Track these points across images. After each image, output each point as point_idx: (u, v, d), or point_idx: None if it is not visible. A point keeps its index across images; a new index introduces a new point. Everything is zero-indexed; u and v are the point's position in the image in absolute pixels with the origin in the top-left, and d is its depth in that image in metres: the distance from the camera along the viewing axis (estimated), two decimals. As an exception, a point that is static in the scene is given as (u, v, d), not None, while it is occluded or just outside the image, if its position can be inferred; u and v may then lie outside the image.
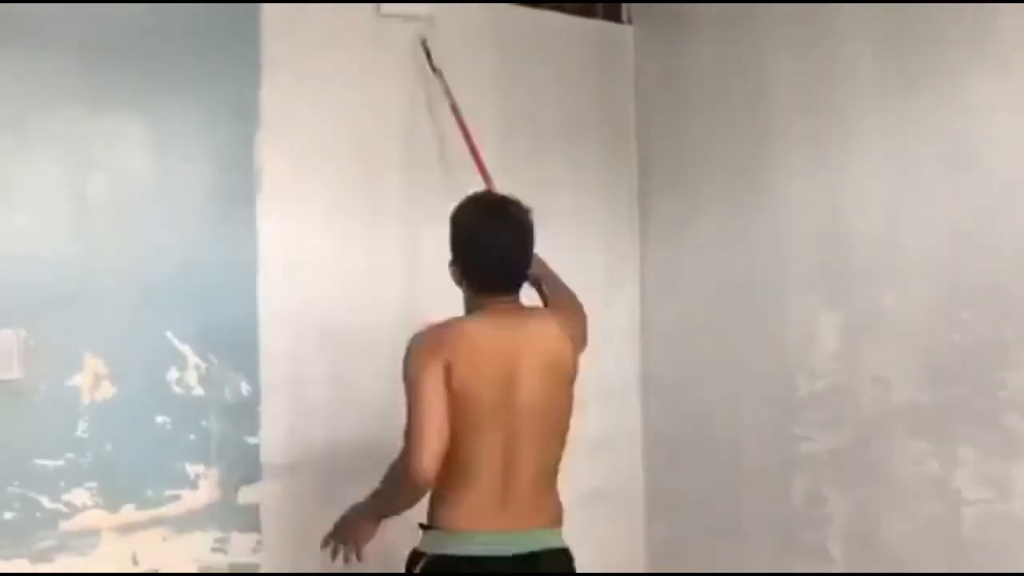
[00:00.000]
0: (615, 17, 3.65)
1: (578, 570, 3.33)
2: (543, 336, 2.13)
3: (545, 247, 3.39)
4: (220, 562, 2.77)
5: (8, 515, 2.50)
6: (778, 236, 3.10)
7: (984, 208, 2.56)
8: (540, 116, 3.43)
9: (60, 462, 2.57)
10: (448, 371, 2.00)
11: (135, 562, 2.66)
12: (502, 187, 3.32)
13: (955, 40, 2.62)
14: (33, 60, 2.56)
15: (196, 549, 2.74)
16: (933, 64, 2.67)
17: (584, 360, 3.43)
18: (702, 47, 3.39)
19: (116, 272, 2.65)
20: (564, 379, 2.15)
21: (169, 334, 2.72)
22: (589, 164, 3.55)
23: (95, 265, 2.63)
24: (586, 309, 3.45)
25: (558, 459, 2.18)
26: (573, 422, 3.45)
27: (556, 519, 2.15)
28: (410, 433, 2.01)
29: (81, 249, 2.62)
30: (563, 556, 2.15)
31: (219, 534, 2.78)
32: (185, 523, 2.73)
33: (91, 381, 2.61)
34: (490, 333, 2.08)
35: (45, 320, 2.55)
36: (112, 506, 2.63)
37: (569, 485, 3.39)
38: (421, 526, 2.12)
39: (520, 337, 2.09)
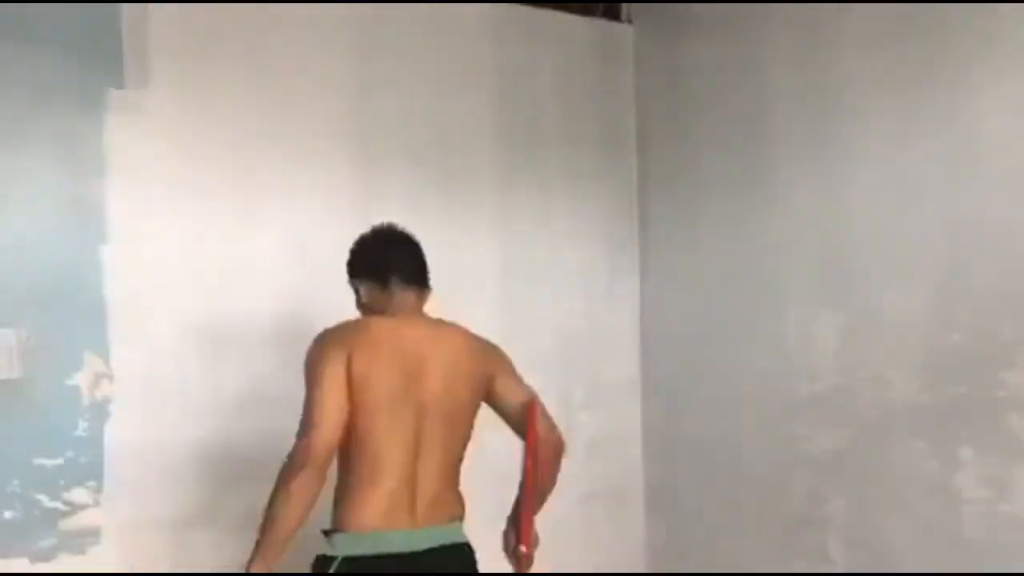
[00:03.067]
0: (615, 16, 3.65)
1: (579, 569, 3.37)
2: (451, 340, 2.18)
3: (546, 247, 3.42)
4: (220, 562, 2.77)
5: (8, 514, 2.50)
6: (778, 236, 3.10)
7: (984, 208, 2.56)
8: (540, 115, 3.43)
9: (60, 461, 2.57)
10: (350, 360, 2.03)
11: (136, 562, 2.66)
12: (502, 185, 3.34)
13: (956, 41, 2.62)
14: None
15: (196, 549, 2.75)
16: (933, 65, 2.67)
17: (584, 360, 3.47)
18: (702, 46, 3.39)
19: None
20: (469, 383, 2.18)
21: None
22: (589, 163, 3.55)
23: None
24: (587, 309, 3.50)
25: (460, 458, 2.19)
26: (578, 419, 3.46)
27: (459, 515, 2.17)
28: (307, 414, 2.01)
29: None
30: (465, 550, 2.16)
31: (217, 534, 2.78)
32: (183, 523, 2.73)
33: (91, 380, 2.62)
34: (395, 328, 2.12)
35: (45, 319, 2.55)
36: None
37: (569, 485, 3.42)
38: (324, 532, 2.06)
39: (427, 336, 2.14)
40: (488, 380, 2.22)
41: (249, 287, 2.86)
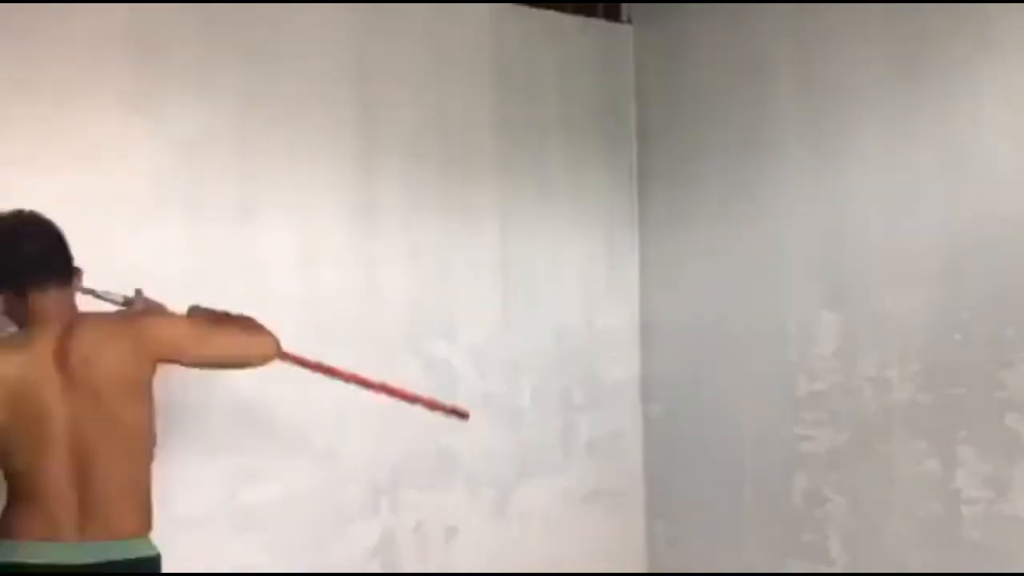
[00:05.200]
0: (615, 16, 3.65)
1: (579, 570, 3.37)
2: (84, 344, 2.00)
3: (545, 247, 3.43)
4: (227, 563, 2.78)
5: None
6: (778, 236, 3.10)
7: (984, 208, 2.56)
8: (540, 115, 3.43)
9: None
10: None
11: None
12: (502, 185, 3.35)
13: (956, 41, 2.62)
14: None
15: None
16: (934, 65, 2.67)
17: (584, 360, 3.47)
18: (702, 46, 3.39)
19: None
20: (119, 390, 2.02)
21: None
22: (589, 164, 3.55)
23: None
24: (586, 308, 3.51)
25: (134, 475, 2.08)
26: (577, 419, 3.44)
27: (135, 530, 2.05)
28: None
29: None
30: (139, 566, 2.05)
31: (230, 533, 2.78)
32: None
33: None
34: (12, 352, 2.01)
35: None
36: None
37: (570, 485, 3.44)
38: None
39: (51, 349, 1.99)
40: (153, 353, 2.07)
41: (248, 283, 2.85)
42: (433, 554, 3.14)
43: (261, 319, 2.29)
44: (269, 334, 2.23)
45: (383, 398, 3.05)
